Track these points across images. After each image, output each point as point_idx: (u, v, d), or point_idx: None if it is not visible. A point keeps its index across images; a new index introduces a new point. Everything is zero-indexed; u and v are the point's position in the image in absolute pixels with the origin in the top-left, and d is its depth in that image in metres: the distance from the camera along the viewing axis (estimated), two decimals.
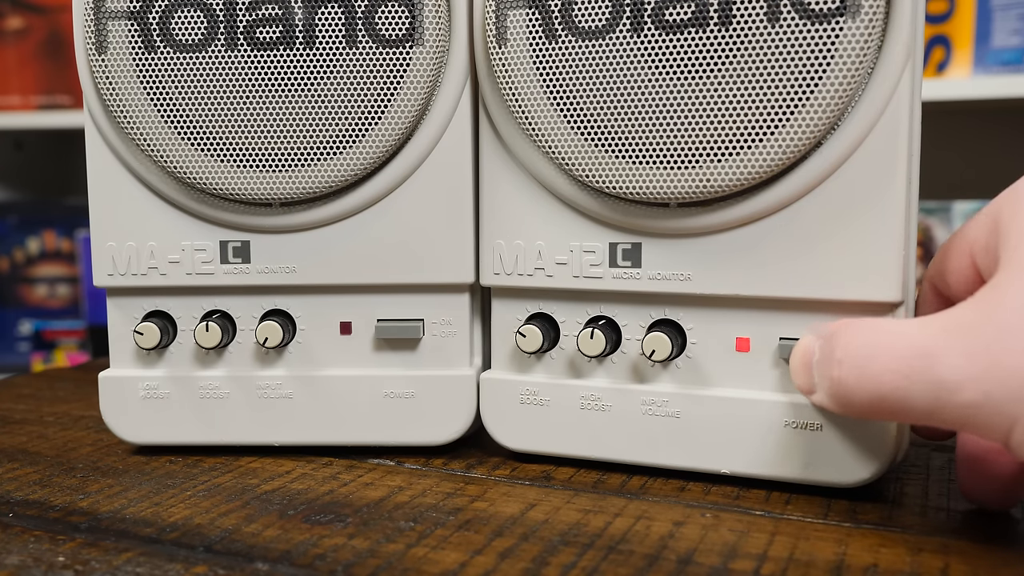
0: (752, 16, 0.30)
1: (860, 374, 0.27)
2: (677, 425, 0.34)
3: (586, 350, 0.35)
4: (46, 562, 0.27)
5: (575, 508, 0.32)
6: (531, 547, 0.28)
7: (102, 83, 0.35)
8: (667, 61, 0.32)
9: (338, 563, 0.27)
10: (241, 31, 0.35)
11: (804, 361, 0.29)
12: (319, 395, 0.37)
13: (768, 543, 0.29)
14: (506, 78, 0.34)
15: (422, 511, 0.31)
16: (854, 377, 0.27)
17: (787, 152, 0.31)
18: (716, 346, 0.34)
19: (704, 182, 0.32)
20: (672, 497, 0.33)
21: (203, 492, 0.33)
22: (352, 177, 0.35)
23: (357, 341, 0.38)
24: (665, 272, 0.34)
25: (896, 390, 0.26)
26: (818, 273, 0.32)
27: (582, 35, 0.33)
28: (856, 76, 0.30)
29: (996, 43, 1.03)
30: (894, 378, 0.26)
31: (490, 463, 0.37)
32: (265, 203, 0.36)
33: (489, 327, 0.38)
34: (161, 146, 0.35)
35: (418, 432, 0.38)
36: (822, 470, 0.32)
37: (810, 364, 0.29)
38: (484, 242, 0.37)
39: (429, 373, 0.37)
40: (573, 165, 0.33)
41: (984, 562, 0.27)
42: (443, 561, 0.27)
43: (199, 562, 0.27)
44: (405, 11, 0.34)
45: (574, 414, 0.36)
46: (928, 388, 0.25)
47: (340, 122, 0.35)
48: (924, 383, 0.25)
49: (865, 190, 0.31)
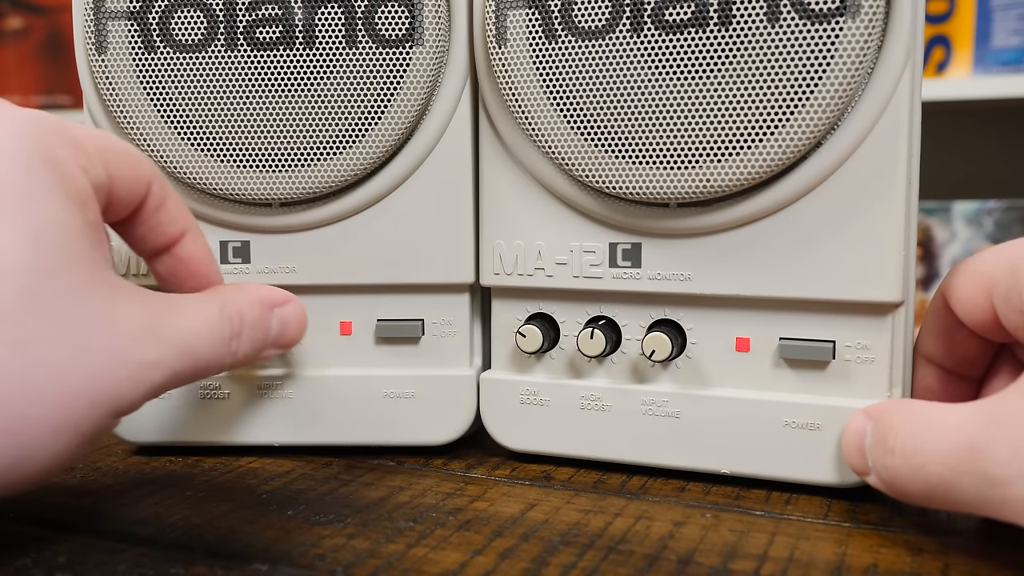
0: (752, 16, 0.30)
1: (910, 465, 0.27)
2: (677, 425, 0.34)
3: (586, 350, 0.35)
4: (46, 562, 0.27)
5: (575, 508, 0.32)
6: (531, 547, 0.28)
7: (102, 83, 0.35)
8: (667, 61, 0.32)
9: (338, 563, 0.27)
10: (241, 31, 0.35)
11: (856, 444, 0.30)
12: (319, 395, 0.37)
13: (768, 543, 0.29)
14: (506, 78, 0.34)
15: (422, 511, 0.31)
16: (906, 468, 0.27)
17: (787, 152, 0.31)
18: (716, 346, 0.34)
19: (704, 182, 0.32)
20: (672, 497, 0.33)
21: (203, 492, 0.33)
22: (352, 177, 0.35)
23: (357, 341, 0.38)
24: (665, 272, 0.34)
25: (943, 483, 0.26)
26: (818, 273, 0.32)
27: (582, 35, 0.33)
28: (856, 76, 0.30)
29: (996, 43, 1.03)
30: (941, 470, 0.26)
31: (490, 463, 0.37)
32: (265, 203, 0.36)
33: (489, 327, 0.38)
34: (161, 146, 0.35)
35: (418, 432, 0.38)
36: (822, 470, 0.32)
37: (863, 447, 0.29)
38: (484, 242, 0.37)
39: (429, 373, 0.37)
40: (573, 165, 0.33)
41: (984, 562, 0.27)
42: (443, 561, 0.27)
43: (199, 562, 0.27)
44: (405, 11, 0.34)
45: (574, 414, 0.36)
46: (975, 481, 0.25)
47: (340, 122, 0.35)
48: (971, 476, 0.25)
49: (865, 190, 0.31)
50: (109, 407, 0.25)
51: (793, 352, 0.33)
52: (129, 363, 0.25)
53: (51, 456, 0.24)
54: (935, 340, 0.33)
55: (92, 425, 0.25)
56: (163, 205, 0.31)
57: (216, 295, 0.30)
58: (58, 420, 0.24)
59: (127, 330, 0.26)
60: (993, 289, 0.29)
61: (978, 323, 0.30)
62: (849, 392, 0.32)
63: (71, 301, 0.25)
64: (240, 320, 0.30)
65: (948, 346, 0.32)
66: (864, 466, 0.29)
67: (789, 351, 0.33)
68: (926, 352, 0.33)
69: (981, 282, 0.29)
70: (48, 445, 0.24)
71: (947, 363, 0.33)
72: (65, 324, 0.24)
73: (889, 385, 0.32)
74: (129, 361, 0.25)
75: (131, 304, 0.26)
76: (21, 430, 0.24)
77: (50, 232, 0.25)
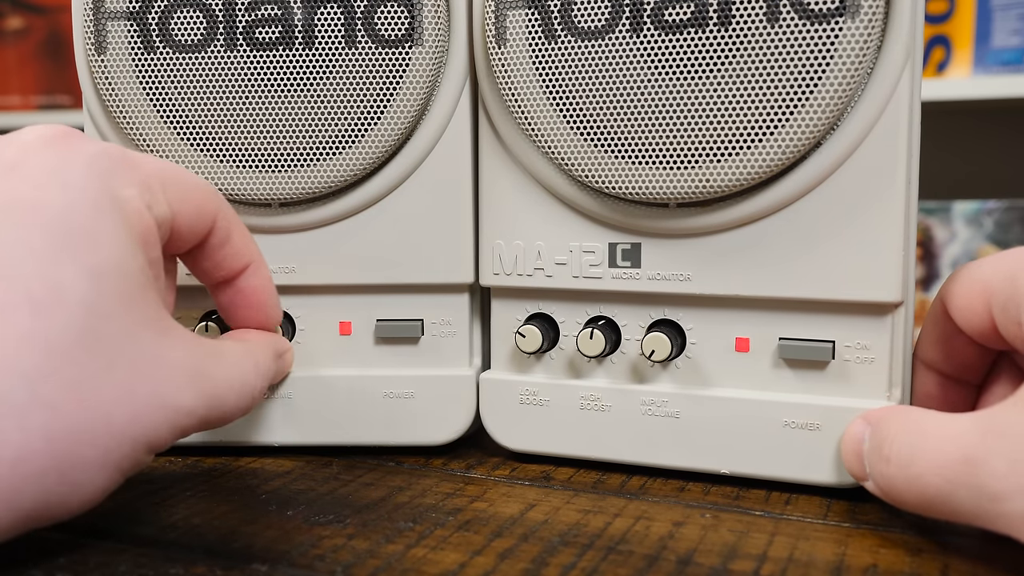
0: (751, 16, 0.30)
1: (907, 475, 0.27)
2: (677, 425, 0.34)
3: (586, 350, 0.35)
4: (46, 562, 0.27)
5: (575, 508, 0.32)
6: (531, 547, 0.28)
7: (101, 83, 0.35)
8: (666, 61, 0.32)
9: (338, 563, 0.27)
10: (240, 31, 0.35)
11: (855, 449, 0.30)
12: (319, 395, 0.37)
13: (768, 543, 0.29)
14: (505, 78, 0.34)
15: (422, 511, 0.31)
16: (902, 477, 0.27)
17: (787, 152, 0.31)
18: (716, 346, 0.34)
19: (704, 182, 0.32)
20: (672, 497, 0.33)
21: (203, 492, 0.33)
22: (352, 177, 0.35)
23: (357, 341, 0.38)
24: (665, 272, 0.34)
25: (939, 494, 0.26)
26: (818, 273, 0.32)
27: (581, 35, 0.33)
28: (856, 76, 0.30)
29: (996, 43, 1.03)
30: (938, 482, 0.26)
31: (490, 463, 0.37)
32: (264, 203, 0.36)
33: (489, 327, 0.38)
34: (160, 147, 0.35)
35: (418, 432, 0.38)
36: (822, 470, 0.32)
37: (861, 453, 0.29)
38: (483, 242, 0.37)
39: (429, 373, 0.37)
40: (572, 165, 0.33)
41: (983, 563, 0.27)
42: (443, 562, 0.27)
43: (199, 562, 0.27)
44: (404, 11, 0.34)
45: (574, 414, 0.36)
46: (972, 494, 0.25)
47: (339, 122, 0.35)
48: (968, 488, 0.25)
49: (865, 190, 0.31)
50: (147, 446, 0.26)
51: (793, 352, 0.33)
52: (167, 408, 0.26)
53: (94, 492, 0.25)
54: (934, 346, 0.33)
55: (132, 463, 0.26)
56: (228, 240, 0.32)
57: (250, 350, 0.31)
58: (103, 459, 0.25)
59: (171, 375, 0.26)
60: (991, 299, 0.29)
61: (977, 331, 0.30)
62: (849, 392, 0.32)
63: (124, 342, 0.25)
64: (267, 374, 0.32)
65: (947, 352, 0.32)
66: (862, 472, 0.29)
67: (789, 351, 0.33)
68: (925, 358, 0.33)
69: (979, 291, 0.29)
70: (92, 482, 0.25)
71: (946, 369, 0.33)
72: (117, 365, 0.25)
73: (889, 385, 0.32)
74: (167, 406, 0.26)
75: (177, 349, 0.27)
76: (69, 468, 0.24)
77: (111, 273, 0.25)
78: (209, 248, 0.32)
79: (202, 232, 0.31)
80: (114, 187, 0.26)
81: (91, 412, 0.24)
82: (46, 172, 0.26)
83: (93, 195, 0.26)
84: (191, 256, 0.32)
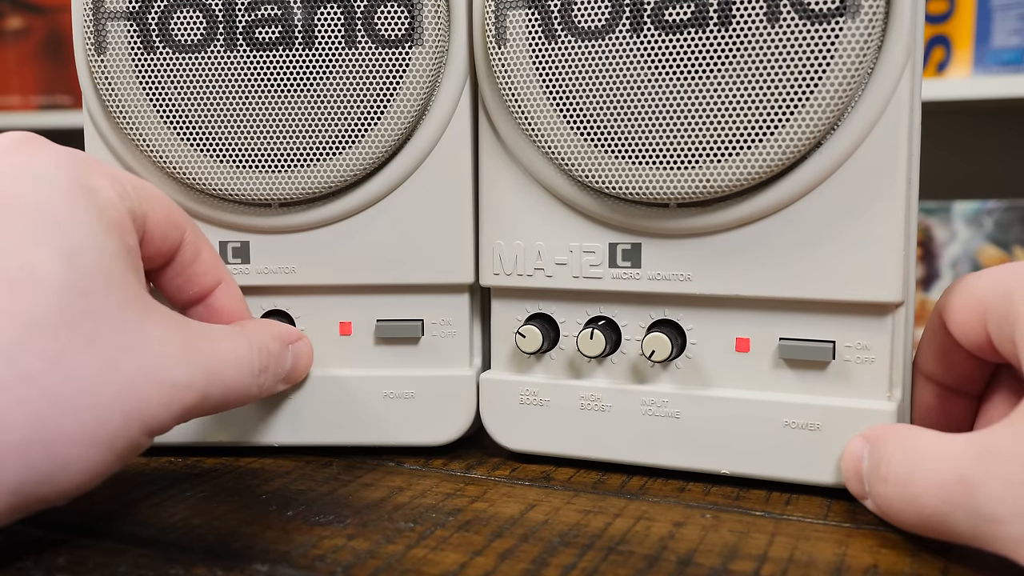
0: (752, 16, 0.30)
1: (904, 495, 0.27)
2: (677, 425, 0.34)
3: (586, 350, 0.35)
4: (46, 563, 0.27)
5: (575, 509, 0.32)
6: (531, 548, 0.28)
7: (101, 83, 0.35)
8: (667, 61, 0.32)
9: (338, 564, 0.27)
10: (240, 31, 0.35)
11: (854, 467, 0.30)
12: (319, 395, 0.37)
13: (768, 544, 0.29)
14: (506, 78, 0.34)
15: (422, 512, 0.31)
16: (899, 497, 0.27)
17: (787, 152, 0.31)
18: (716, 346, 0.34)
19: (704, 182, 0.32)
20: (672, 497, 0.33)
21: (203, 492, 0.33)
22: (351, 177, 0.35)
23: (357, 341, 0.38)
24: (665, 272, 0.34)
25: (936, 514, 0.26)
26: (818, 273, 0.32)
27: (582, 35, 0.33)
28: (856, 76, 0.30)
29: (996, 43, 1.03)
30: (934, 502, 0.26)
31: (490, 463, 0.37)
32: (264, 203, 0.36)
33: (489, 327, 0.38)
34: (160, 147, 0.35)
35: (418, 432, 0.38)
36: (822, 471, 0.32)
37: (860, 471, 0.30)
38: (483, 242, 0.37)
39: (429, 373, 0.37)
40: (573, 165, 0.33)
41: (984, 563, 0.27)
42: (443, 562, 0.27)
43: (199, 563, 0.27)
44: (404, 11, 0.34)
45: (574, 414, 0.36)
46: (968, 516, 0.25)
47: (339, 122, 0.35)
48: (964, 510, 0.25)
49: (865, 190, 0.31)
50: (141, 424, 0.26)
51: (793, 352, 0.33)
52: (160, 383, 0.26)
53: (85, 470, 0.25)
54: (933, 359, 0.33)
55: (126, 441, 0.26)
56: (199, 256, 0.32)
57: (243, 329, 0.31)
58: (91, 433, 0.25)
59: (159, 351, 0.26)
60: (987, 314, 0.29)
61: (974, 345, 0.30)
62: (849, 392, 0.32)
63: (105, 319, 0.25)
64: (267, 354, 0.32)
65: (946, 365, 0.32)
66: (861, 491, 0.30)
67: (789, 351, 0.33)
68: (925, 370, 0.33)
69: (976, 306, 0.29)
70: (81, 458, 0.25)
71: (946, 381, 0.33)
72: (99, 341, 0.25)
73: (889, 385, 0.32)
74: (160, 381, 0.26)
75: (164, 327, 0.27)
76: (53, 441, 0.24)
77: (86, 253, 0.26)
78: (180, 263, 0.32)
79: (174, 241, 0.31)
80: (85, 179, 0.27)
81: (72, 384, 0.24)
82: (18, 169, 0.26)
83: (66, 187, 0.26)
84: (162, 274, 0.32)
